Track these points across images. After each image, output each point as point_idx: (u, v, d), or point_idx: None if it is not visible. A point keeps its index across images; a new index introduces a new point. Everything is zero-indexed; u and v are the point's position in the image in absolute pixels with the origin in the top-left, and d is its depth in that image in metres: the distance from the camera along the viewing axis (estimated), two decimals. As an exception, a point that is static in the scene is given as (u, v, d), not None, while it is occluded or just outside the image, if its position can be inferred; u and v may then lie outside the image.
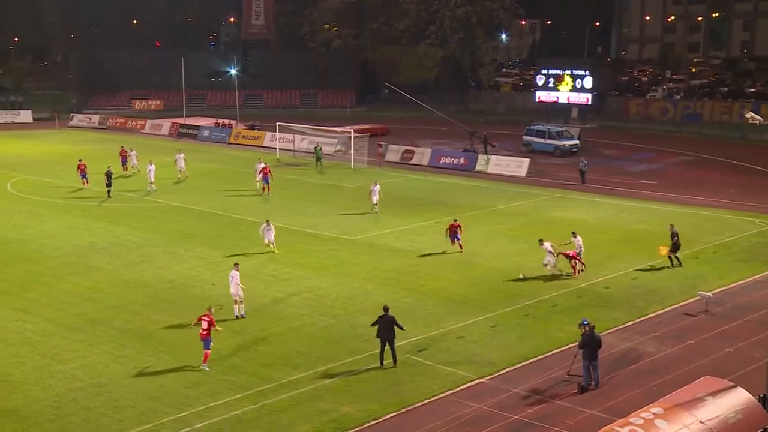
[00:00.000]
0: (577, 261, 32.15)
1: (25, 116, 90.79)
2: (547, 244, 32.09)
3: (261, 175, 48.51)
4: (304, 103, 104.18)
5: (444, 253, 35.39)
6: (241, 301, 27.61)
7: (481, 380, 22.92)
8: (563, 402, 21.56)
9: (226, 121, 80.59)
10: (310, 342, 25.70)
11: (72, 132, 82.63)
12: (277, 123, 66.86)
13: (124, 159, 55.73)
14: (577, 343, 22.74)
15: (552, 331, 26.47)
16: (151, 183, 49.13)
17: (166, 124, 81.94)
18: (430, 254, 35.36)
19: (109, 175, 46.90)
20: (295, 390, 22.15)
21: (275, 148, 65.50)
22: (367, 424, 20.37)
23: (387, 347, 23.52)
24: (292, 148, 66.15)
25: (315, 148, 60.04)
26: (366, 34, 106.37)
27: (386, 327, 23.48)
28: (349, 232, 39.41)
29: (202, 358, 23.45)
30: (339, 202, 47.22)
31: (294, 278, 31.85)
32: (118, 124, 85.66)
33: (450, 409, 21.14)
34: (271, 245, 35.29)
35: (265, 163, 49.91)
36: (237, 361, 24.13)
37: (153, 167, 49.70)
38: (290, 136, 67.54)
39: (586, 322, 22.58)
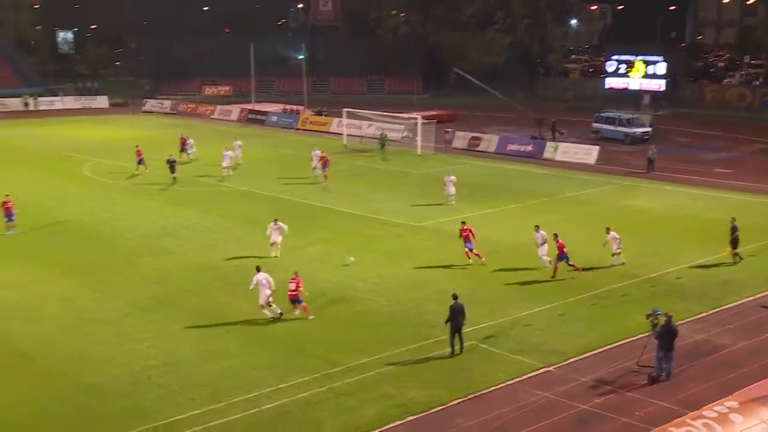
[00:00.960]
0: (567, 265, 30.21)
1: (101, 102, 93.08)
2: (613, 233, 31.54)
3: (320, 162, 48.41)
4: (371, 90, 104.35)
5: (506, 241, 35.12)
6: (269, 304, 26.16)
7: (549, 369, 22.73)
8: (633, 393, 21.23)
9: (294, 107, 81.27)
10: (376, 327, 25.83)
11: (145, 117, 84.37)
12: (344, 109, 67.14)
13: (183, 146, 56.44)
14: (647, 333, 22.35)
15: (622, 321, 26.07)
16: (226, 168, 49.55)
17: (235, 110, 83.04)
18: (496, 241, 35.13)
19: (171, 162, 47.52)
20: (361, 374, 22.30)
21: (342, 134, 65.78)
22: (433, 410, 20.39)
23: (450, 334, 23.50)
24: (359, 134, 66.35)
25: (380, 134, 60.06)
26: (433, 20, 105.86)
27: (456, 314, 23.46)
28: (416, 218, 39.40)
29: (305, 312, 26.03)
30: (406, 188, 47.23)
31: (360, 264, 31.98)
32: (188, 110, 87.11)
33: (517, 397, 21.03)
34: (276, 247, 32.82)
35: (322, 152, 49.82)
36: (304, 344, 24.39)
37: (229, 153, 50.27)
38: (357, 122, 67.74)
39: (659, 312, 22.13)
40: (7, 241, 34.58)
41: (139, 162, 50.78)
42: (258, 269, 26.50)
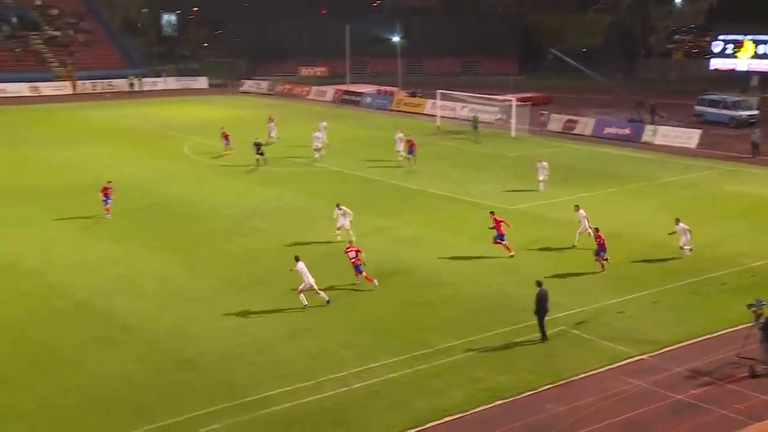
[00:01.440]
0: (602, 259, 29.10)
1: (201, 82, 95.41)
2: (683, 225, 30.19)
3: (406, 146, 47.56)
4: (466, 71, 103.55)
5: (601, 226, 34.38)
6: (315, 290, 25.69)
7: (642, 357, 22.20)
8: (732, 385, 20.54)
9: (388, 88, 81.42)
10: (465, 310, 25.74)
11: (242, 97, 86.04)
12: (438, 90, 66.87)
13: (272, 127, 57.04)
14: (750, 324, 21.55)
15: (720, 311, 25.23)
16: (317, 149, 50.01)
17: (330, 91, 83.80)
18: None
19: (258, 145, 47.82)
20: (449, 357, 22.28)
21: (436, 116, 65.57)
22: (522, 395, 20.22)
23: (538, 320, 23.22)
24: (453, 116, 65.97)
25: (473, 117, 59.52)
26: (530, 1, 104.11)
27: (542, 301, 23.15)
28: (508, 201, 39.01)
29: (366, 280, 27.03)
30: (499, 170, 46.80)
31: (450, 246, 31.88)
32: (285, 91, 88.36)
33: (608, 385, 20.63)
34: (340, 230, 32.21)
35: (406, 135, 48.81)
36: (392, 325, 24.53)
37: (318, 134, 50.65)
38: (451, 104, 67.40)
39: (763, 302, 21.26)
40: (112, 218, 35.83)
41: (226, 143, 51.44)
42: (297, 259, 25.86)
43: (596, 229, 29.38)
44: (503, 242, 30.65)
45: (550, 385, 20.67)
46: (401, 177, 44.82)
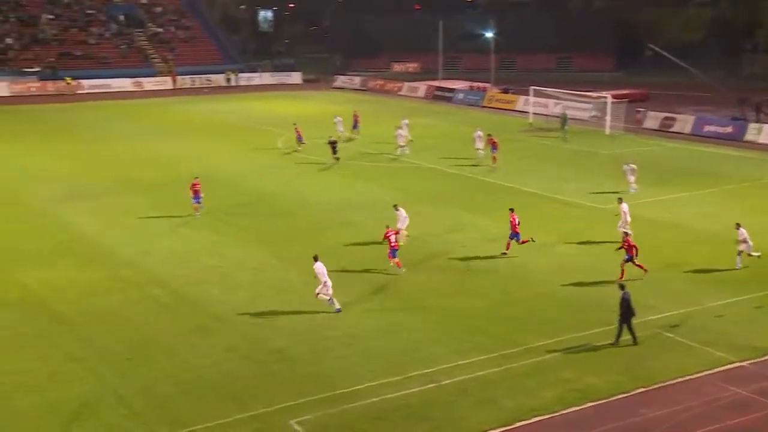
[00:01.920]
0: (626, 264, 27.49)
1: (296, 78, 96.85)
2: (743, 230, 28.70)
3: (488, 144, 46.65)
4: (560, 67, 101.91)
5: (700, 227, 33.31)
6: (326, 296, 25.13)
7: (742, 364, 21.42)
8: (839, 397, 19.63)
9: (480, 85, 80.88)
10: (556, 309, 25.36)
11: (335, 93, 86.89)
12: (531, 87, 66.03)
13: (356, 123, 57.12)
14: None
15: (827, 318, 24.13)
16: (401, 146, 50.02)
17: (422, 87, 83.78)
18: (686, 226, 33.45)
19: (333, 143, 47.58)
20: (539, 356, 21.99)
21: (528, 113, 64.80)
22: (614, 397, 19.79)
23: (626, 324, 22.54)
24: (545, 113, 65.07)
25: (561, 114, 58.37)
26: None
27: (625, 305, 22.55)
28: (600, 200, 38.23)
29: (397, 265, 27.98)
30: (592, 168, 45.91)
31: (540, 244, 31.45)
32: (377, 86, 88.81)
33: (705, 390, 19.99)
34: (404, 230, 31.41)
35: (488, 133, 47.81)
36: (482, 323, 24.36)
37: (401, 131, 50.53)
38: (544, 101, 66.45)
39: None
40: (207, 209, 36.70)
41: (298, 139, 51.74)
42: (315, 258, 25.42)
43: (625, 234, 28.28)
44: (518, 240, 30.01)
45: (643, 389, 20.16)
46: (491, 174, 44.44)
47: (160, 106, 75.35)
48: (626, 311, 22.45)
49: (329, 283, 25.02)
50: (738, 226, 28.69)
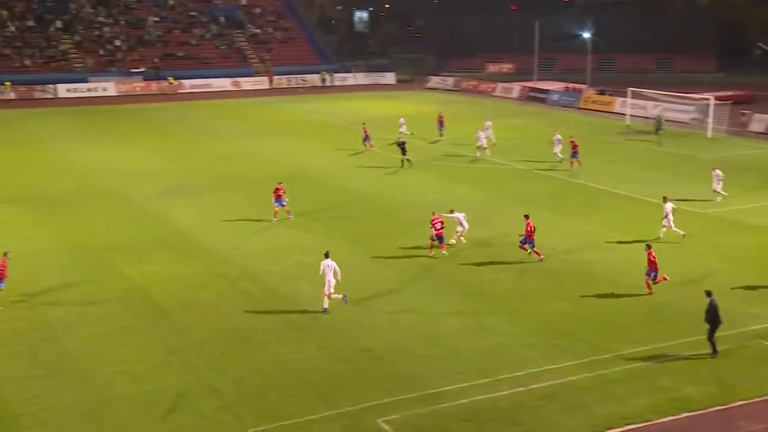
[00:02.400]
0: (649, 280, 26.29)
1: (389, 78, 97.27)
2: None
3: (567, 147, 45.51)
4: (660, 68, 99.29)
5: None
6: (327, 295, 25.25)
7: None
8: None
9: (576, 86, 79.59)
10: (648, 315, 24.81)
11: (428, 93, 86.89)
12: (629, 88, 64.58)
13: (441, 124, 56.75)
14: None
15: None
16: (481, 147, 49.43)
17: (516, 88, 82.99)
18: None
19: (401, 144, 46.96)
20: (632, 363, 21.54)
21: (625, 115, 63.41)
22: (711, 408, 19.22)
23: (710, 332, 21.87)
24: (644, 115, 63.51)
25: (656, 117, 56.58)
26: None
27: (710, 313, 21.80)
28: (698, 204, 37.13)
29: (442, 248, 29.53)
30: (691, 172, 44.59)
31: (634, 248, 30.76)
32: (470, 87, 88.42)
33: (809, 406, 19.21)
34: (461, 235, 31.39)
35: (572, 136, 46.46)
36: (573, 327, 24.01)
37: (482, 133, 49.95)
38: (642, 103, 64.91)
39: None
40: (300, 208, 37.31)
41: (365, 139, 51.66)
42: (326, 255, 25.44)
43: (648, 246, 26.75)
44: (528, 246, 29.47)
45: (743, 401, 19.50)
46: (583, 176, 43.67)
47: (257, 106, 76.94)
48: (714, 319, 21.74)
49: (332, 282, 25.02)
50: None
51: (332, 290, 25.22)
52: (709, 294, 22.08)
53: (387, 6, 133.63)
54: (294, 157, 49.81)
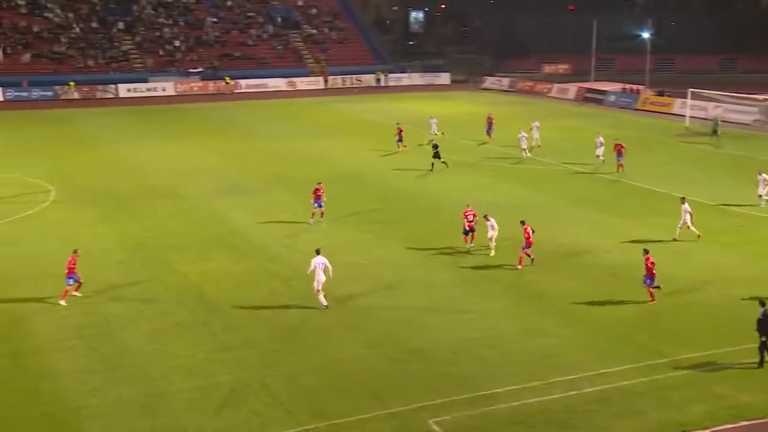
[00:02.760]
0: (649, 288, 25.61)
1: (444, 78, 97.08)
2: None
3: (615, 151, 44.35)
4: (722, 68, 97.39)
5: None
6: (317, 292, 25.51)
7: None
8: None
9: (634, 87, 78.43)
10: (707, 320, 24.35)
11: (482, 94, 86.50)
12: (689, 89, 63.39)
13: (490, 125, 56.26)
14: None
15: None
16: (525, 149, 49.09)
17: (572, 89, 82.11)
18: None
19: (435, 146, 46.51)
20: (689, 369, 21.15)
21: (684, 116, 62.25)
22: (769, 418, 18.81)
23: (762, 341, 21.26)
24: (704, 117, 62.29)
25: (713, 119, 55.30)
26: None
27: (763, 323, 21.20)
28: (754, 207, 36.28)
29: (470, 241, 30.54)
30: (749, 174, 43.42)
31: (692, 252, 30.29)
32: (526, 88, 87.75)
33: None
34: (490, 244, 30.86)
35: (618, 140, 45.39)
36: (628, 331, 23.68)
37: (525, 134, 49.52)
38: (702, 104, 63.67)
39: None
40: (351, 207, 37.44)
41: (399, 140, 51.53)
42: (317, 252, 25.65)
43: (645, 251, 25.92)
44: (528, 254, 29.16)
45: (806, 412, 19.00)
46: (641, 178, 42.97)
47: (312, 106, 77.47)
48: (763, 329, 21.14)
49: (322, 279, 25.14)
50: None
51: (320, 288, 25.29)
52: (763, 304, 21.52)
53: (443, 6, 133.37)
54: (347, 157, 50.02)
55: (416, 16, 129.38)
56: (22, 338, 23.51)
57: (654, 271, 25.59)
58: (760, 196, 37.19)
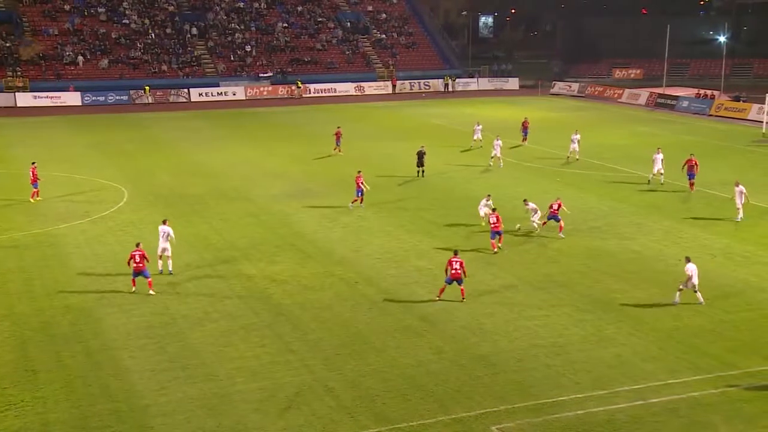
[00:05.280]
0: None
1: (512, 83, 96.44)
2: None
3: (685, 166, 41.31)
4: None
5: None
6: (168, 257, 29.27)
7: None
8: None
9: (708, 92, 76.61)
10: (784, 333, 23.59)
11: (551, 99, 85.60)
12: (768, 94, 61.63)
13: (526, 129, 55.46)
14: None
15: None
16: (571, 155, 48.50)
17: (643, 94, 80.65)
18: None
19: (419, 154, 45.69)
20: (762, 381, 20.55)
21: (762, 122, 60.50)
22: None
23: None
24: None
25: None
26: None
27: None
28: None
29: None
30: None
31: (762, 261, 29.34)
32: (596, 93, 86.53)
33: None
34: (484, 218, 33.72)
35: (690, 155, 42.32)
36: (698, 342, 23.12)
37: (578, 137, 49.00)
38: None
39: None
40: (419, 212, 37.39)
41: (337, 143, 52.68)
42: (164, 222, 29.77)
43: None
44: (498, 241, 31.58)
45: None
46: (714, 185, 41.91)
47: (380, 110, 77.77)
48: None
49: (164, 245, 29.17)
50: None
51: (169, 254, 29.16)
52: None
53: (513, 10, 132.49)
54: (412, 161, 49.92)
55: (485, 20, 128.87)
56: (95, 335, 24.15)
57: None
58: (738, 208, 35.33)
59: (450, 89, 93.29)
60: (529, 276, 28.95)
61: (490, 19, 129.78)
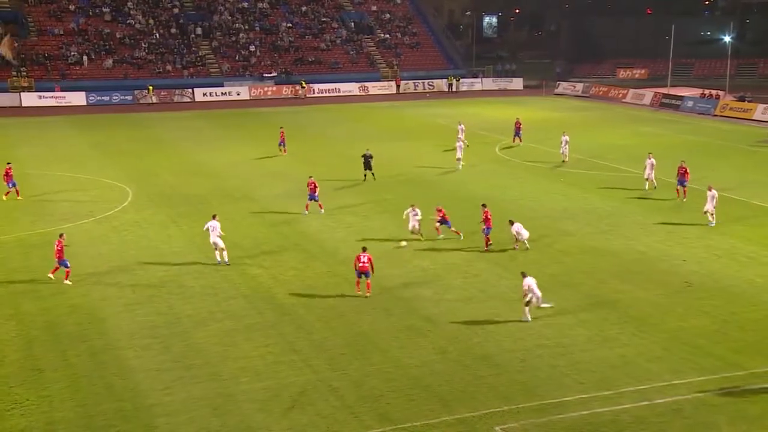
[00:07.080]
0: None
1: (516, 84, 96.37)
2: None
3: (679, 173, 39.85)
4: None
5: None
6: (222, 249, 30.00)
7: None
8: None
9: (713, 92, 76.52)
10: (789, 334, 23.56)
11: (555, 99, 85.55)
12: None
13: (518, 130, 55.22)
14: None
15: None
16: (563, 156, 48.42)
17: (648, 94, 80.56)
18: None
19: (366, 157, 45.04)
20: (767, 382, 20.50)
21: (767, 122, 60.42)
22: None
23: None
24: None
25: None
26: None
27: None
28: None
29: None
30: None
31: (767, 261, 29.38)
32: (600, 93, 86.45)
33: None
34: (415, 233, 33.01)
35: (682, 161, 40.91)
36: (703, 342, 23.09)
37: (566, 138, 48.84)
38: (786, 109, 61.76)
39: None
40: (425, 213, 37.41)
41: (281, 143, 52.99)
42: (213, 216, 30.73)
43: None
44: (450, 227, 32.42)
45: None
46: (718, 185, 41.70)
47: (384, 110, 77.76)
48: None
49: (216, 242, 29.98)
50: None
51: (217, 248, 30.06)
52: None
53: (517, 11, 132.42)
54: (415, 161, 49.97)
55: (489, 20, 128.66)
56: (100, 335, 24.19)
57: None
58: (706, 212, 34.81)
59: (454, 89, 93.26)
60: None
61: (494, 19, 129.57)
